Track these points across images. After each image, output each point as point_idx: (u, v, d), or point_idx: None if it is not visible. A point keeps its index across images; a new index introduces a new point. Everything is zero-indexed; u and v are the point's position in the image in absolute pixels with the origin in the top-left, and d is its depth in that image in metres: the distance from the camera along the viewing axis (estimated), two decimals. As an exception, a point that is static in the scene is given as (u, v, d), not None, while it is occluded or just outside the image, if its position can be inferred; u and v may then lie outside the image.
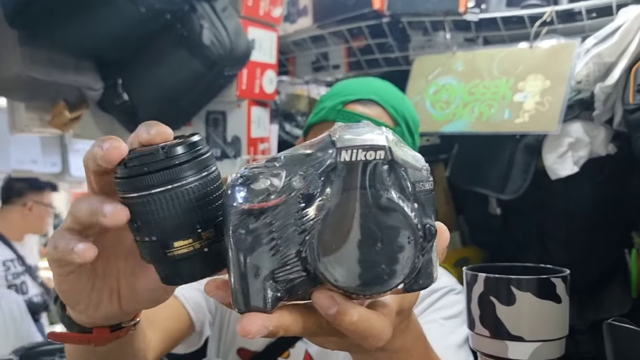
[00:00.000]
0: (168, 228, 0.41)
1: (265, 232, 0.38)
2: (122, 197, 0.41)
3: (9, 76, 1.13)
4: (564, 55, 1.16)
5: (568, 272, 0.66)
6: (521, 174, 1.21)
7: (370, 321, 0.41)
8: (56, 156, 2.05)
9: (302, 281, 0.39)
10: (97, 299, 0.49)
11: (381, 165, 0.37)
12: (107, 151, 0.41)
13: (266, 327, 0.38)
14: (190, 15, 1.22)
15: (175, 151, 0.41)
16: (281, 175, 0.38)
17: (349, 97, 0.94)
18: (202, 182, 0.42)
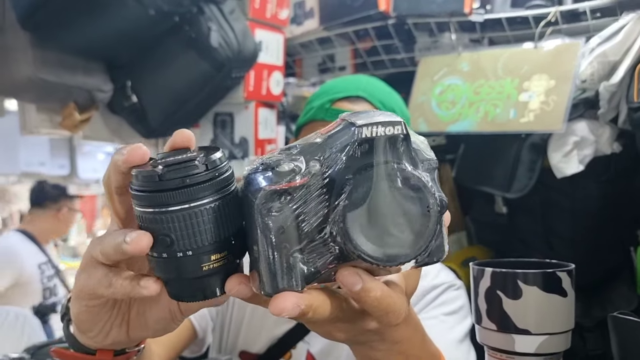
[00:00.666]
0: (207, 241, 0.41)
1: (291, 212, 0.39)
2: (154, 211, 0.40)
3: (20, 78, 1.15)
4: (568, 54, 1.17)
5: (573, 266, 0.67)
6: (527, 172, 1.22)
7: (392, 297, 0.42)
8: (65, 158, 2.06)
9: (328, 260, 0.40)
10: (109, 327, 0.50)
11: (398, 141, 0.39)
12: (128, 153, 0.42)
13: (299, 305, 0.39)
14: (198, 18, 1.24)
15: (215, 162, 0.41)
16: (301, 160, 0.40)
17: (336, 95, 0.94)
18: (235, 192, 0.42)
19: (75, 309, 0.49)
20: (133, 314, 0.51)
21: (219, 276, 0.43)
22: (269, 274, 0.39)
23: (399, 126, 0.39)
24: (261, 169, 0.40)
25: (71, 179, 2.14)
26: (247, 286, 0.42)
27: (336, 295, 0.42)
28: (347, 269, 0.40)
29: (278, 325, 0.95)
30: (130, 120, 1.38)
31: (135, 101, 1.32)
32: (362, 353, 0.51)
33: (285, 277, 0.39)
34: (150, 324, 0.50)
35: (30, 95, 1.22)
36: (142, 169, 0.41)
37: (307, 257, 0.40)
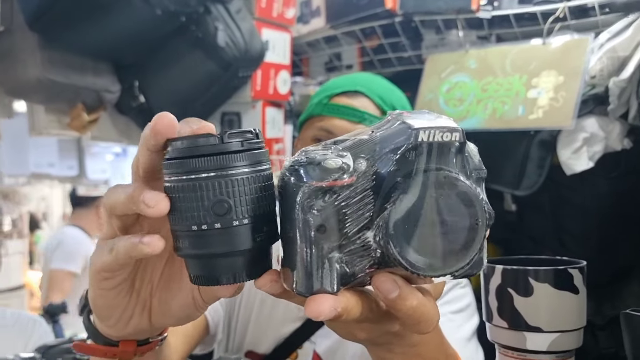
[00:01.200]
0: (263, 209, 0.39)
1: (335, 211, 0.37)
2: (212, 175, 0.38)
3: (28, 79, 1.16)
4: (577, 50, 1.16)
5: (585, 263, 0.66)
6: (536, 169, 1.21)
7: (427, 306, 0.41)
8: (73, 159, 2.07)
9: (367, 264, 0.39)
10: (129, 314, 0.49)
11: (454, 149, 0.38)
12: (154, 122, 0.40)
13: (335, 308, 0.38)
14: (205, 17, 1.24)
15: (259, 135, 0.40)
16: (348, 157, 0.38)
17: (334, 91, 0.94)
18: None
19: (92, 294, 0.47)
20: (155, 302, 0.49)
21: (262, 252, 0.41)
22: (304, 273, 0.38)
23: (457, 133, 0.37)
24: (306, 161, 0.38)
25: (80, 179, 2.15)
26: (278, 283, 0.41)
27: (367, 296, 0.41)
28: (384, 275, 0.39)
29: (284, 325, 0.94)
30: (138, 121, 1.38)
31: (143, 101, 1.32)
32: (379, 354, 0.50)
33: (322, 278, 0.38)
34: (174, 311, 0.49)
35: (39, 96, 1.23)
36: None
37: (345, 258, 0.38)
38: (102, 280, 0.46)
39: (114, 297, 0.47)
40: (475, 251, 0.38)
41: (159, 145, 0.41)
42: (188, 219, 0.39)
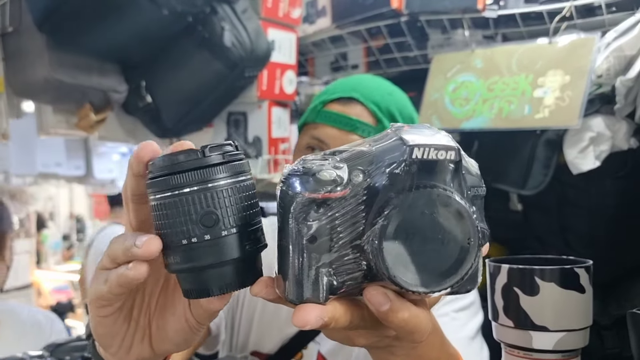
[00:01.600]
0: (250, 218, 0.40)
1: (327, 223, 0.38)
2: (196, 189, 0.39)
3: (36, 79, 1.16)
4: (583, 49, 1.16)
5: (591, 263, 0.66)
6: (542, 169, 1.21)
7: (419, 317, 0.42)
8: (80, 159, 2.08)
9: (357, 276, 0.39)
10: (129, 342, 0.50)
11: (449, 167, 0.38)
12: (138, 149, 0.42)
13: (322, 318, 0.39)
14: (211, 18, 1.24)
15: (238, 147, 0.42)
16: (344, 169, 0.38)
17: (329, 97, 0.92)
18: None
19: (91, 322, 0.49)
20: (154, 329, 0.51)
21: (251, 260, 0.42)
22: (295, 282, 0.39)
23: (452, 152, 0.38)
24: (302, 171, 0.38)
25: (87, 179, 2.16)
26: (272, 289, 0.42)
27: (358, 305, 0.42)
28: (375, 288, 0.40)
29: (289, 325, 0.95)
30: (145, 121, 1.39)
31: (150, 101, 1.33)
32: (381, 357, 0.50)
33: (311, 288, 0.39)
34: (171, 337, 0.50)
35: (47, 96, 1.24)
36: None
37: (336, 270, 0.39)
38: (99, 308, 0.47)
39: (112, 324, 0.48)
40: (465, 270, 0.38)
41: (143, 170, 0.42)
42: (177, 234, 0.40)
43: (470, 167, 0.41)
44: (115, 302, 0.47)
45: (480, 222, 0.39)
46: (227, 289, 0.42)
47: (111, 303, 0.47)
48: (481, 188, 0.42)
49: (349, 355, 0.90)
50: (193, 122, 1.40)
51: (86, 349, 1.05)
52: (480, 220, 0.39)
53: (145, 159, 0.42)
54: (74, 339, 1.11)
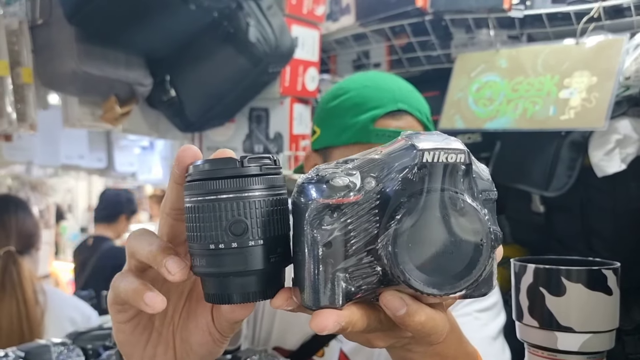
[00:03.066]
0: (277, 231, 0.41)
1: (341, 228, 0.39)
2: (232, 196, 0.40)
3: (64, 71, 1.18)
4: (611, 51, 1.14)
5: (619, 265, 0.66)
6: (566, 170, 1.20)
7: (435, 320, 0.42)
8: (102, 152, 2.11)
9: (372, 280, 0.40)
10: (151, 352, 0.50)
11: (459, 170, 0.39)
12: (180, 153, 0.43)
13: (339, 323, 0.39)
14: (237, 13, 1.25)
15: (278, 162, 0.43)
16: (357, 175, 0.39)
17: (376, 113, 0.87)
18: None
19: (113, 328, 0.49)
20: (178, 341, 0.51)
21: (275, 273, 0.43)
22: (312, 288, 0.39)
23: (462, 155, 0.38)
24: (315, 179, 0.39)
25: (108, 172, 2.19)
26: (292, 300, 0.43)
27: (375, 308, 0.42)
28: (390, 293, 0.40)
29: None
30: (168, 114, 1.40)
31: (174, 95, 1.34)
32: (399, 355, 0.51)
33: (328, 293, 0.39)
34: (195, 349, 0.50)
35: (74, 88, 1.26)
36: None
37: (351, 275, 0.39)
38: (116, 313, 0.48)
39: (130, 331, 0.49)
40: (479, 271, 0.38)
41: (183, 173, 0.43)
42: (206, 238, 0.40)
43: (481, 172, 0.42)
44: (130, 306, 0.47)
45: (493, 225, 0.39)
46: (248, 299, 0.42)
47: (125, 308, 0.48)
48: (492, 192, 0.42)
49: (370, 353, 0.90)
50: (216, 117, 1.41)
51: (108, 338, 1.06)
52: (492, 223, 0.39)
53: (186, 162, 0.43)
54: (95, 327, 1.13)
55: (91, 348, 1.02)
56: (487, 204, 0.41)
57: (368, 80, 0.94)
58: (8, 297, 1.39)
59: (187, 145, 0.44)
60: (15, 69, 1.17)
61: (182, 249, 0.47)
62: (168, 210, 0.46)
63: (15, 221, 1.51)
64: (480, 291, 0.41)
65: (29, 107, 1.18)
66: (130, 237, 0.47)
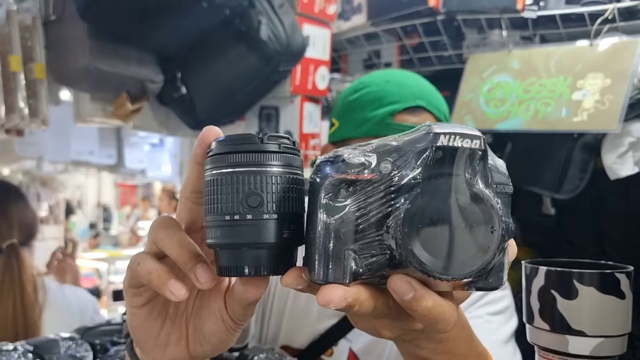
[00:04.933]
0: (292, 208, 0.42)
1: (354, 204, 0.39)
2: (249, 169, 0.41)
3: (77, 67, 1.19)
4: (626, 53, 1.13)
5: (632, 269, 0.65)
6: (578, 173, 1.19)
7: (443, 307, 0.42)
8: (112, 148, 2.12)
9: (381, 262, 0.40)
10: (164, 340, 0.50)
11: (475, 155, 0.39)
12: (203, 133, 0.44)
13: (346, 298, 0.39)
14: (248, 11, 1.25)
15: (296, 144, 0.44)
16: (373, 157, 0.40)
17: (395, 107, 0.88)
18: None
19: (127, 313, 0.50)
20: (191, 331, 0.51)
21: (287, 250, 0.43)
22: (322, 262, 0.40)
23: (477, 140, 0.39)
24: (332, 159, 0.40)
25: (118, 168, 2.20)
26: (302, 279, 0.42)
27: (384, 292, 0.42)
28: (398, 277, 0.40)
29: (320, 321, 0.94)
30: (179, 112, 1.40)
31: (185, 93, 1.34)
32: (408, 350, 0.50)
33: (336, 268, 0.40)
34: (208, 338, 0.50)
35: (86, 84, 1.26)
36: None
37: (361, 253, 0.40)
38: (131, 297, 0.48)
39: (145, 317, 0.49)
40: (488, 258, 0.38)
41: (205, 153, 0.44)
42: (222, 209, 0.41)
43: (499, 166, 0.42)
44: (145, 289, 0.48)
45: (506, 216, 0.39)
46: (260, 272, 0.43)
47: (141, 292, 0.48)
48: (508, 186, 0.42)
49: (381, 353, 0.89)
50: (226, 114, 1.41)
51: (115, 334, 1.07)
52: (505, 214, 0.39)
53: (209, 141, 0.44)
54: (104, 323, 1.13)
55: (99, 343, 1.02)
56: (502, 196, 0.41)
57: (389, 76, 0.96)
58: (5, 294, 1.35)
59: (210, 127, 0.44)
60: (28, 65, 1.18)
61: (199, 235, 0.48)
62: (188, 193, 0.47)
63: (16, 211, 1.46)
64: (490, 283, 0.41)
65: (41, 102, 1.18)
66: (157, 225, 0.47)
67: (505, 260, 0.41)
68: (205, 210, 0.43)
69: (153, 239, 0.46)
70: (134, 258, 0.47)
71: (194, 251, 0.45)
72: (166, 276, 0.44)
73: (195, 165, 0.45)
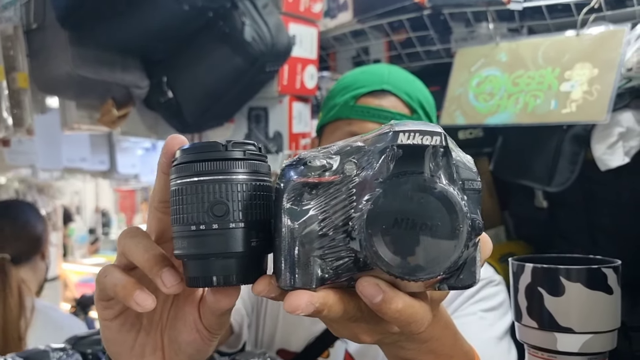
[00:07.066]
0: (259, 216, 0.41)
1: (317, 208, 0.39)
2: (214, 178, 0.40)
3: (60, 75, 1.18)
4: (613, 42, 1.12)
5: (619, 263, 0.64)
6: (569, 165, 1.18)
7: (414, 307, 0.41)
8: (104, 154, 2.11)
9: (348, 265, 0.39)
10: (139, 351, 0.49)
11: (437, 152, 0.38)
12: (167, 142, 0.43)
13: (313, 303, 0.39)
14: (232, 12, 1.24)
15: (262, 150, 0.44)
16: (336, 159, 0.40)
17: (360, 91, 0.90)
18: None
19: (100, 325, 0.49)
20: (166, 341, 0.50)
21: (256, 258, 0.43)
22: (288, 267, 0.39)
23: (438, 137, 0.38)
24: (295, 162, 0.40)
25: (111, 174, 2.19)
26: (274, 286, 0.42)
27: (353, 295, 0.41)
28: (367, 280, 0.39)
29: (315, 323, 0.94)
30: (166, 116, 1.39)
31: (171, 97, 1.33)
32: (392, 352, 0.50)
33: (302, 274, 0.39)
34: (184, 349, 0.50)
35: (70, 92, 1.25)
36: None
37: (327, 257, 0.39)
38: (102, 310, 0.47)
39: (118, 329, 0.48)
40: (454, 258, 0.37)
41: (170, 162, 0.43)
42: (188, 219, 0.41)
43: (466, 161, 0.41)
44: (115, 302, 0.47)
45: (472, 213, 0.38)
46: (229, 282, 0.42)
47: (111, 305, 0.47)
48: (476, 182, 0.41)
49: (376, 354, 0.89)
50: (214, 117, 1.40)
51: (108, 343, 1.05)
52: (472, 211, 0.38)
53: (174, 149, 0.43)
54: (95, 332, 1.12)
55: (91, 353, 1.01)
56: (470, 193, 0.40)
57: (369, 68, 0.99)
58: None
59: (175, 135, 0.44)
60: (10, 74, 1.17)
61: (169, 246, 0.47)
62: (156, 203, 0.46)
63: (11, 226, 1.45)
64: (463, 281, 0.40)
65: (25, 112, 1.18)
66: (124, 235, 0.46)
67: (477, 257, 0.41)
68: (172, 220, 0.43)
69: (121, 249, 0.46)
70: (101, 271, 0.46)
71: (160, 256, 0.44)
72: (132, 287, 0.43)
73: (161, 174, 0.45)
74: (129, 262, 0.46)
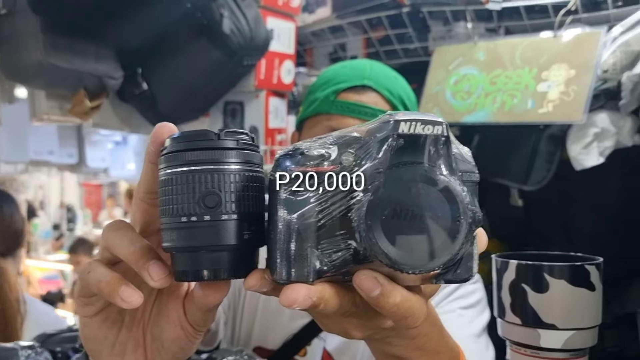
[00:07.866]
0: (252, 208, 0.40)
1: (315, 199, 0.38)
2: (206, 168, 0.39)
3: (30, 63, 1.13)
4: (589, 44, 1.14)
5: (601, 260, 0.65)
6: (545, 164, 1.19)
7: (412, 301, 0.40)
8: (73, 147, 2.06)
9: (346, 258, 0.38)
10: (120, 350, 0.48)
11: (437, 142, 0.37)
12: (156, 130, 0.42)
13: (310, 297, 0.38)
14: (210, 4, 1.21)
15: (255, 140, 0.42)
16: (333, 149, 0.39)
17: (340, 86, 0.90)
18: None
19: (79, 323, 0.47)
20: (149, 339, 0.49)
21: (248, 252, 0.41)
22: (284, 260, 0.38)
23: (439, 127, 0.37)
24: (291, 152, 0.39)
25: (79, 168, 2.13)
26: (266, 280, 0.40)
27: (349, 289, 0.40)
28: (364, 273, 0.38)
29: (293, 321, 0.93)
30: (140, 108, 1.36)
31: (146, 89, 1.30)
32: (379, 349, 0.49)
33: (299, 267, 0.38)
34: (167, 346, 0.48)
35: (40, 81, 1.21)
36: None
37: (324, 249, 0.38)
38: (82, 307, 0.46)
39: (98, 326, 0.47)
40: (455, 250, 0.37)
41: (159, 151, 0.42)
42: (178, 210, 0.39)
43: (464, 153, 0.41)
44: (97, 299, 0.45)
45: (472, 205, 0.38)
46: (220, 276, 0.41)
47: (92, 301, 0.46)
48: (474, 174, 0.41)
49: (355, 352, 0.88)
50: (189, 110, 1.38)
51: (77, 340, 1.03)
52: (472, 203, 0.38)
53: (163, 138, 0.41)
54: (65, 329, 1.09)
55: (60, 351, 0.98)
56: (468, 184, 0.39)
57: (351, 62, 0.98)
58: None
59: (164, 123, 0.42)
60: (-23, 62, 1.13)
61: (155, 238, 0.45)
62: (142, 194, 0.44)
63: (1, 219, 1.40)
64: (459, 275, 0.40)
65: (-8, 101, 1.13)
66: (107, 229, 0.44)
67: (474, 250, 0.40)
68: (160, 211, 0.41)
69: (104, 244, 0.44)
70: (84, 266, 0.44)
71: (146, 248, 0.42)
72: (117, 283, 0.41)
73: (148, 164, 0.43)
74: (113, 257, 0.44)
